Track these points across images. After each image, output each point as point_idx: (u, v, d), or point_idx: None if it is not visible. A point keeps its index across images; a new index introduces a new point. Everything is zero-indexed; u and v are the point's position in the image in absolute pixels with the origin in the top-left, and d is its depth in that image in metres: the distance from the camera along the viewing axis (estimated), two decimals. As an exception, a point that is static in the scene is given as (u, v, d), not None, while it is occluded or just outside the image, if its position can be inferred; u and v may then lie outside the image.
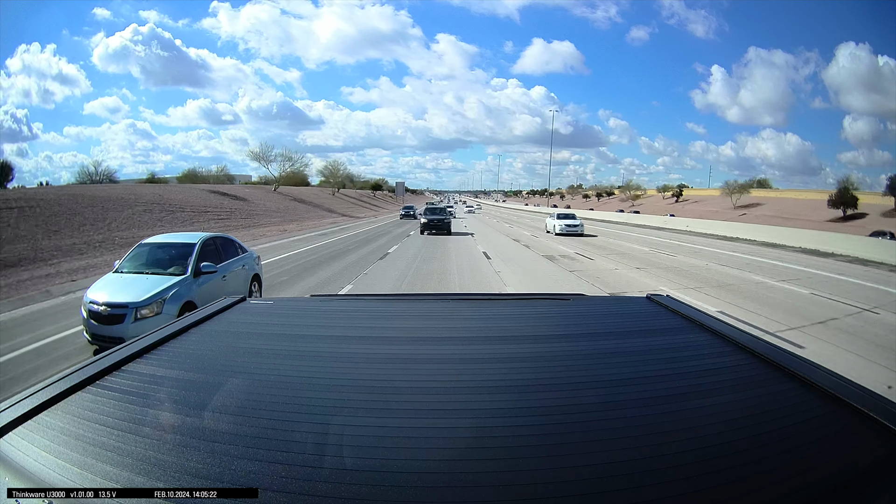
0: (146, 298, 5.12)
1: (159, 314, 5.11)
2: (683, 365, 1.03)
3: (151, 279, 5.53)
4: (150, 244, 6.36)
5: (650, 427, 0.77)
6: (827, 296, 9.05)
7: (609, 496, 0.62)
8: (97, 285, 5.50)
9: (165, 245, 6.31)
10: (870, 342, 6.15)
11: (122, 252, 9.69)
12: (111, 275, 5.79)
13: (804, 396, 0.85)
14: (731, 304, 8.20)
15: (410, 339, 1.23)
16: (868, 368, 5.14)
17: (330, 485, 0.62)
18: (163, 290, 5.29)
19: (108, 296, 5.16)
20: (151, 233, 14.00)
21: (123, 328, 4.95)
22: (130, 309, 5.02)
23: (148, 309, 5.09)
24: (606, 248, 17.21)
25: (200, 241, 6.24)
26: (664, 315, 1.36)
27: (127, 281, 5.51)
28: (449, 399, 0.88)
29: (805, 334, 6.40)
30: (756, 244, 19.68)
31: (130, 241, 13.57)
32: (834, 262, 14.45)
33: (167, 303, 5.22)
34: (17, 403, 0.79)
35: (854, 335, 6.44)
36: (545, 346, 1.19)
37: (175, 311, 5.19)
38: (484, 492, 0.63)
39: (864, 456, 0.70)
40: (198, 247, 6.10)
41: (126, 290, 5.27)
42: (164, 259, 6.02)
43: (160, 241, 6.49)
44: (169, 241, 6.44)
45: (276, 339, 1.22)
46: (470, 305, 1.67)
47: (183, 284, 5.54)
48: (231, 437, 0.73)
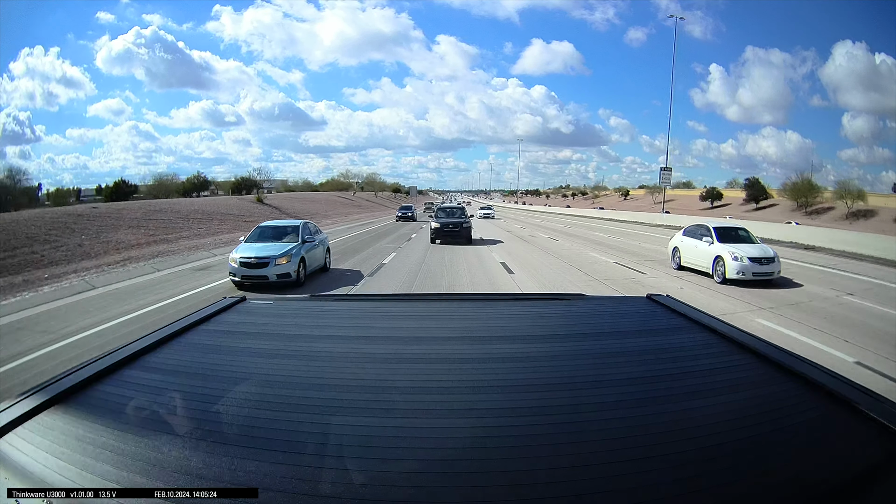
0: (280, 253, 8.56)
1: (289, 262, 8.50)
2: (683, 365, 1.02)
3: (277, 244, 8.96)
4: (266, 226, 10.00)
5: (650, 427, 0.76)
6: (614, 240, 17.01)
7: (609, 496, 0.61)
8: (240, 248, 8.87)
9: (278, 226, 9.96)
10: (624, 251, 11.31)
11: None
12: (244, 244, 9.12)
13: (804, 396, 0.84)
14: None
15: (410, 339, 1.22)
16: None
17: (330, 484, 0.62)
18: (287, 249, 8.72)
19: (255, 252, 8.59)
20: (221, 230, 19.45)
21: (267, 270, 8.38)
22: (272, 259, 8.43)
23: (282, 259, 8.47)
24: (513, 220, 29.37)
25: (302, 223, 9.91)
26: (664, 315, 1.35)
27: (260, 246, 8.91)
28: (449, 399, 0.87)
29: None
30: (615, 222, 31.56)
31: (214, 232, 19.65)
32: (645, 228, 24.75)
33: (292, 257, 8.63)
34: (17, 403, 0.78)
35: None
36: (545, 346, 1.18)
37: (296, 262, 8.60)
38: (484, 492, 0.62)
39: (865, 456, 0.69)
40: (301, 226, 9.71)
41: (264, 250, 8.68)
42: (280, 234, 9.52)
43: (273, 224, 10.19)
44: (280, 224, 10.14)
45: (275, 339, 1.21)
46: (470, 305, 1.68)
47: (297, 247, 8.96)
48: (231, 437, 0.73)
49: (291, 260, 8.59)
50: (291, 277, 8.57)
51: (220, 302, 1.44)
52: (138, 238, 16.40)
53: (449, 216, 17.49)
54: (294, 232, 9.58)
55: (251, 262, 8.47)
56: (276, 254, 8.54)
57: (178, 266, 12.03)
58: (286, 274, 8.51)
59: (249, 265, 8.46)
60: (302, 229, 9.67)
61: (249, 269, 8.45)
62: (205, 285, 9.24)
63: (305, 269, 9.11)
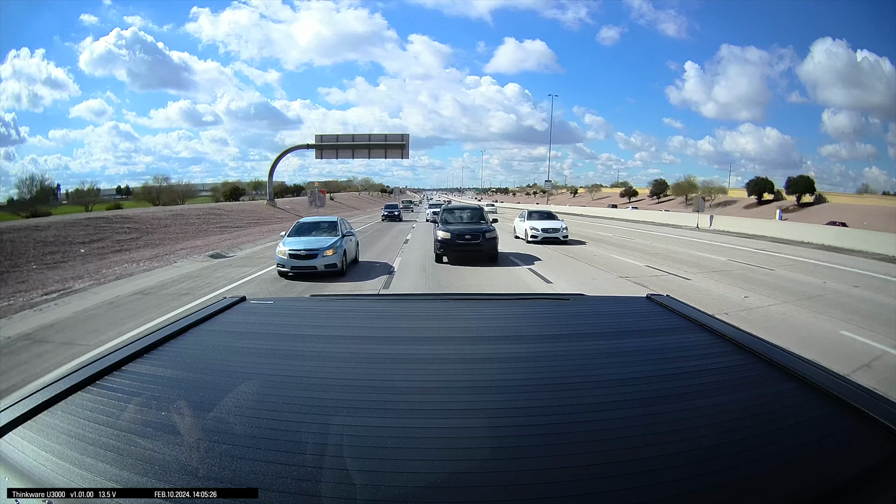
0: (328, 246, 9.43)
1: (335, 254, 9.40)
2: (683, 365, 1.02)
3: (321, 238, 9.86)
4: (305, 221, 10.94)
5: (650, 427, 0.76)
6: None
7: (609, 496, 0.61)
8: (287, 242, 9.59)
9: (317, 221, 10.92)
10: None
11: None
12: (288, 238, 9.89)
13: (804, 396, 0.83)
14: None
15: (410, 339, 1.22)
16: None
17: (330, 485, 0.62)
18: (333, 242, 9.62)
19: (304, 245, 9.39)
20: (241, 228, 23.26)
21: (316, 261, 9.21)
22: (320, 251, 9.28)
23: (328, 251, 9.35)
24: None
25: (339, 218, 11.03)
26: (664, 315, 1.34)
27: (307, 239, 9.71)
28: (449, 399, 0.87)
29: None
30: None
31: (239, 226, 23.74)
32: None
33: (337, 249, 9.55)
34: (17, 403, 0.78)
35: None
36: (545, 346, 1.18)
37: (341, 253, 9.56)
38: (484, 492, 0.62)
39: (865, 456, 0.69)
40: (339, 220, 10.78)
41: (312, 243, 9.50)
42: (318, 228, 10.46)
43: (311, 219, 11.13)
44: (318, 220, 11.09)
45: (275, 339, 1.21)
46: (470, 305, 1.68)
47: (340, 240, 9.86)
48: (231, 437, 0.73)
49: (337, 252, 9.48)
50: (337, 267, 9.41)
51: (220, 302, 1.44)
52: (223, 227, 22.84)
53: (462, 221, 12.10)
54: (331, 226, 10.58)
55: (301, 253, 9.28)
56: (324, 246, 9.44)
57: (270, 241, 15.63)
58: (333, 264, 9.33)
59: (299, 256, 9.27)
60: (340, 224, 10.68)
61: (299, 260, 9.27)
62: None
63: (346, 260, 10.00)
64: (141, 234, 17.57)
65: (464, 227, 11.62)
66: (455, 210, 13.17)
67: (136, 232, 17.75)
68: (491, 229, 11.49)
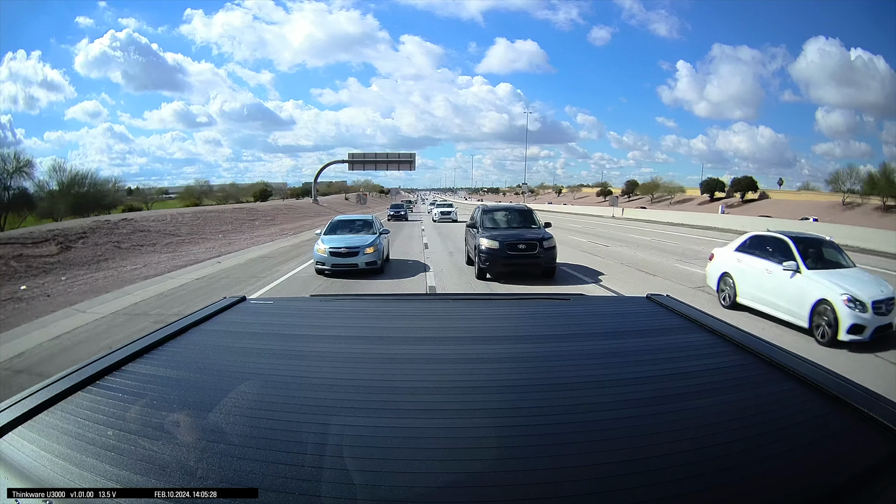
0: (368, 243, 9.44)
1: (374, 252, 9.38)
2: (683, 365, 1.01)
3: (359, 236, 9.84)
4: (340, 219, 10.99)
5: (650, 427, 0.75)
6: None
7: (609, 496, 0.61)
8: (325, 240, 9.57)
9: (352, 219, 11.00)
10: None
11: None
12: (325, 236, 9.83)
13: (804, 396, 0.83)
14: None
15: (410, 339, 1.21)
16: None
17: (330, 485, 0.61)
18: (372, 240, 9.61)
19: (344, 243, 9.38)
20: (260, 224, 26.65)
21: (357, 259, 9.21)
22: (361, 248, 9.28)
23: (369, 248, 9.34)
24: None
25: (373, 217, 11.16)
26: (664, 315, 1.33)
27: (345, 237, 9.70)
28: (449, 399, 0.86)
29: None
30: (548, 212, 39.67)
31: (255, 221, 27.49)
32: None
33: (377, 246, 9.50)
34: (17, 403, 0.77)
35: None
36: (545, 346, 1.18)
37: (381, 251, 9.61)
38: (484, 492, 0.62)
39: (865, 456, 0.69)
40: (374, 219, 10.85)
41: (352, 241, 9.50)
42: (354, 226, 10.51)
43: (346, 218, 11.21)
44: (353, 217, 11.19)
45: (275, 339, 1.20)
46: (470, 305, 1.67)
47: (377, 238, 9.84)
48: (231, 437, 0.72)
49: (377, 249, 9.48)
50: (377, 264, 9.40)
51: (220, 302, 1.43)
52: (303, 216, 31.81)
53: (511, 227, 9.50)
54: (367, 224, 10.64)
55: (342, 251, 9.26)
56: (364, 244, 9.44)
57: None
58: (373, 262, 9.31)
59: (340, 254, 9.25)
60: (375, 222, 10.78)
61: (340, 257, 9.25)
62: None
63: (382, 257, 9.97)
64: (270, 219, 27.42)
65: (513, 232, 9.03)
66: (498, 211, 10.25)
67: (263, 218, 27.18)
68: (549, 236, 8.88)
